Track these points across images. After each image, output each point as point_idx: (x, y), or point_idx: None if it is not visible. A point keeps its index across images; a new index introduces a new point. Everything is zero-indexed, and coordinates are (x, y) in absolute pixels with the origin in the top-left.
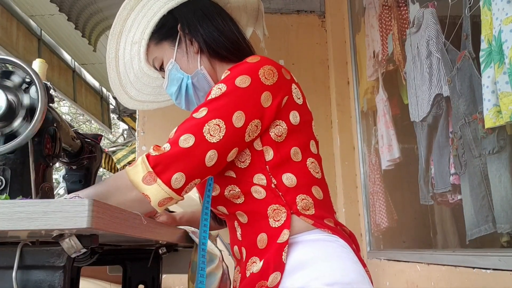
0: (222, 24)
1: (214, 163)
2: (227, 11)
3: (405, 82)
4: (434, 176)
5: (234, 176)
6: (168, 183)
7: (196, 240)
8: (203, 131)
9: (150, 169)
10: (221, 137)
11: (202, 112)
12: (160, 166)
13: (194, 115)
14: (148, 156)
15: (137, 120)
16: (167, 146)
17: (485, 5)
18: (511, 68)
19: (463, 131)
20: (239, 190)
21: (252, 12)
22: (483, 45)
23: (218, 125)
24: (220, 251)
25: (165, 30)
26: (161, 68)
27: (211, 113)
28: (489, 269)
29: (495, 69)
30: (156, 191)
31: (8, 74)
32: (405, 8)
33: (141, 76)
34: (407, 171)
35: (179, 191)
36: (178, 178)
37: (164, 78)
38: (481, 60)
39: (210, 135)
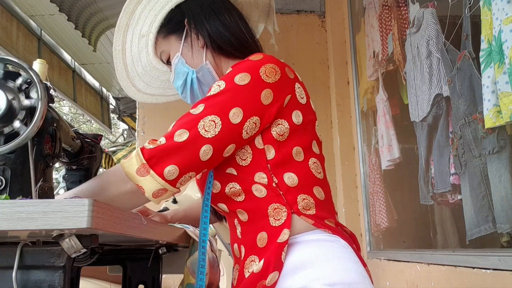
0: (229, 20)
1: (210, 157)
2: (237, 7)
3: (405, 82)
4: (434, 176)
5: (235, 173)
6: (161, 175)
7: (193, 235)
8: (198, 126)
9: (144, 161)
10: (217, 133)
11: (199, 108)
12: (154, 159)
13: (191, 111)
14: (142, 149)
15: (137, 120)
16: (162, 140)
17: (485, 5)
18: (511, 68)
19: (463, 131)
20: (240, 187)
21: (264, 8)
22: (483, 45)
23: (214, 121)
24: (220, 250)
25: (172, 24)
26: (168, 62)
27: (208, 109)
28: (489, 269)
29: (495, 69)
30: (149, 182)
31: (8, 74)
32: (405, 8)
33: (150, 70)
34: (407, 171)
35: (173, 183)
36: (171, 171)
37: (171, 71)
38: (481, 60)
39: (205, 130)
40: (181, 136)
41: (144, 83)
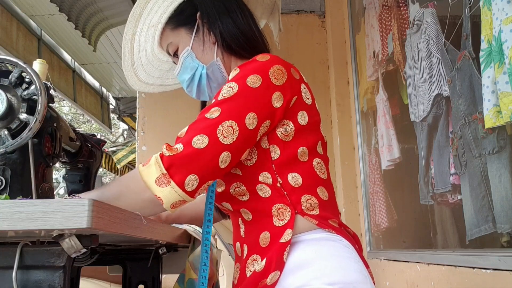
0: (241, 19)
1: (228, 164)
2: (243, 1)
3: (405, 82)
4: (434, 176)
5: (240, 173)
6: (181, 185)
7: (193, 233)
8: (217, 132)
9: (164, 171)
10: (235, 139)
11: (215, 113)
12: (174, 167)
13: (206, 115)
14: (162, 156)
15: (137, 120)
16: (179, 147)
17: (485, 5)
18: (511, 68)
19: (463, 131)
20: (245, 187)
21: (268, 6)
22: (483, 45)
23: (232, 127)
24: (220, 250)
25: (183, 17)
26: (175, 54)
27: (225, 114)
28: (489, 269)
29: (495, 69)
30: (169, 193)
31: (8, 74)
32: (405, 8)
33: (152, 59)
34: (407, 171)
35: (192, 194)
36: (191, 180)
37: (175, 63)
38: (481, 60)
39: (224, 136)
40: (201, 142)
41: (145, 73)
